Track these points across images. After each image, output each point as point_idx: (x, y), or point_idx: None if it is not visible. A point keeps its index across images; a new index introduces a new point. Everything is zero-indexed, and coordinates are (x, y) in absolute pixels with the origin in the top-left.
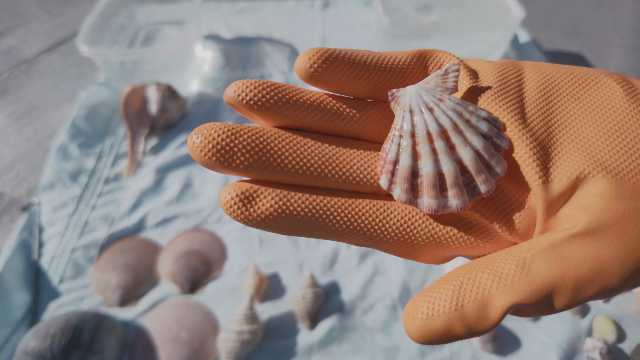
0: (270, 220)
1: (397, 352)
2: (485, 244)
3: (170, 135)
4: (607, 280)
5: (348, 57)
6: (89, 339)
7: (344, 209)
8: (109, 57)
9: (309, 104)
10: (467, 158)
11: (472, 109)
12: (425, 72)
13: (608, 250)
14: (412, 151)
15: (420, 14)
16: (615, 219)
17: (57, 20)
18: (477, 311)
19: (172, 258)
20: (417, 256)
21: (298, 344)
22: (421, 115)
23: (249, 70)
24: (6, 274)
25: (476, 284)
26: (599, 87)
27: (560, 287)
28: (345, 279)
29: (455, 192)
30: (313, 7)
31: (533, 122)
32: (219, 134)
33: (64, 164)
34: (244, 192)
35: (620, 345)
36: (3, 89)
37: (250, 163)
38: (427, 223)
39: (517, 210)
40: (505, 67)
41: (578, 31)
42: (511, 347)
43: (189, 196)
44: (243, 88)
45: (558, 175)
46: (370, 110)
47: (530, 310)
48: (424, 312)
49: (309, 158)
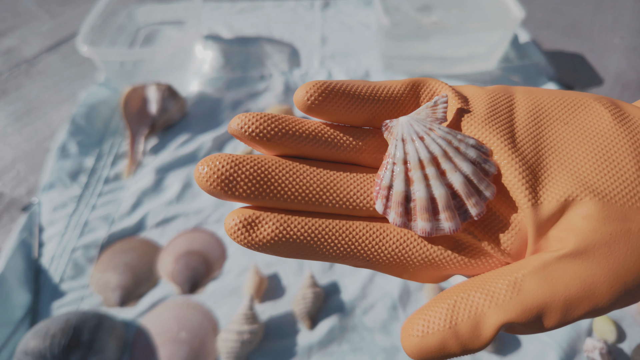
0: (271, 245)
1: (397, 352)
2: (478, 264)
3: (170, 135)
4: (597, 300)
5: (344, 89)
6: (89, 339)
7: (341, 232)
8: (109, 57)
9: (307, 134)
10: (458, 183)
11: (461, 137)
12: (418, 100)
13: (596, 270)
14: (405, 177)
15: (420, 14)
16: (603, 240)
17: (57, 20)
18: (470, 329)
19: (172, 258)
20: (414, 276)
21: (298, 344)
22: (412, 143)
23: (249, 70)
24: (6, 274)
25: (469, 303)
26: (588, 111)
27: (551, 306)
28: (345, 279)
29: (448, 215)
30: (313, 7)
31: (523, 146)
32: (223, 165)
33: (64, 163)
34: (247, 218)
35: (620, 345)
36: (3, 89)
37: (252, 191)
38: (422, 245)
39: (508, 232)
40: (496, 93)
41: (578, 31)
42: (511, 347)
43: (189, 196)
44: (246, 121)
45: (547, 197)
46: (366, 138)
47: (521, 328)
48: (420, 330)
49: (308, 185)
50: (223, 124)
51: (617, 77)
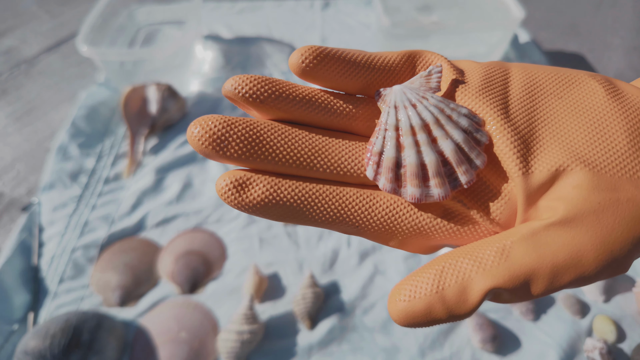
0: (261, 207)
1: (397, 352)
2: (467, 233)
3: (170, 135)
4: (583, 268)
5: (339, 55)
6: (89, 339)
7: (331, 197)
8: (109, 57)
9: (301, 98)
10: (448, 150)
11: (454, 106)
12: (414, 72)
13: (584, 239)
14: (396, 143)
15: (421, 14)
16: (592, 209)
17: (57, 20)
18: (457, 294)
19: (172, 258)
20: (403, 244)
21: (298, 344)
22: (405, 110)
23: (249, 70)
24: (6, 274)
25: (457, 268)
26: (582, 86)
27: (538, 273)
28: (345, 279)
29: (437, 181)
30: (313, 7)
31: (516, 118)
32: (215, 124)
33: (64, 164)
34: (238, 179)
35: (620, 345)
36: (3, 89)
37: (244, 152)
38: (411, 212)
39: (498, 201)
40: (492, 67)
41: (578, 31)
42: (511, 347)
43: (189, 196)
44: (240, 82)
45: (538, 167)
46: (360, 105)
47: (508, 295)
48: (407, 295)
49: (300, 149)
50: None
51: (617, 77)
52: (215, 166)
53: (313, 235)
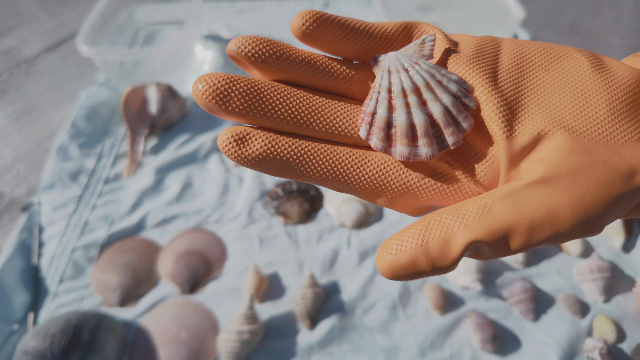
0: (259, 160)
1: (397, 352)
2: (453, 193)
3: (170, 135)
4: (559, 226)
5: (339, 20)
6: (89, 339)
7: (325, 155)
8: (109, 57)
9: (301, 60)
10: (437, 112)
11: (444, 72)
12: (410, 41)
13: (561, 197)
14: (388, 104)
15: (421, 14)
16: (569, 169)
17: (57, 20)
18: (440, 247)
19: (172, 258)
20: (392, 203)
21: (298, 344)
22: (398, 74)
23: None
24: (6, 274)
25: (440, 224)
26: (569, 60)
27: (516, 228)
28: (345, 279)
29: (425, 141)
30: (313, 7)
31: (504, 86)
32: (219, 80)
33: (64, 164)
34: (238, 134)
35: (620, 345)
36: (3, 89)
37: (245, 107)
38: (401, 172)
39: (482, 164)
40: (484, 40)
41: (578, 31)
42: (511, 347)
43: (189, 196)
44: (243, 42)
45: (522, 131)
46: (356, 70)
47: (488, 250)
48: (394, 249)
49: (297, 107)
50: (223, 124)
51: None
52: (215, 166)
53: (313, 235)
